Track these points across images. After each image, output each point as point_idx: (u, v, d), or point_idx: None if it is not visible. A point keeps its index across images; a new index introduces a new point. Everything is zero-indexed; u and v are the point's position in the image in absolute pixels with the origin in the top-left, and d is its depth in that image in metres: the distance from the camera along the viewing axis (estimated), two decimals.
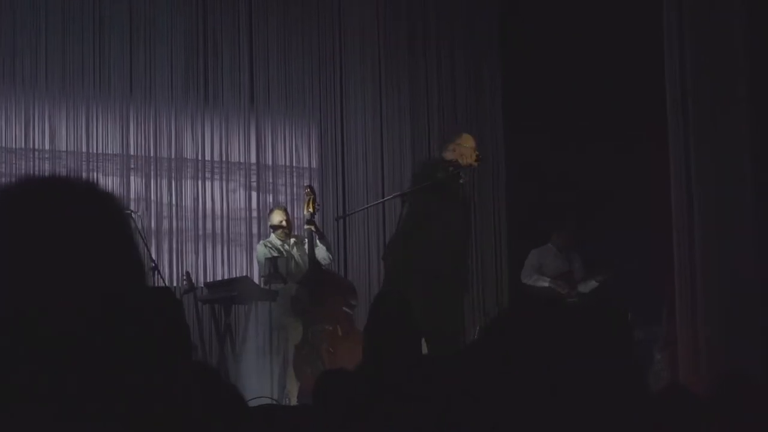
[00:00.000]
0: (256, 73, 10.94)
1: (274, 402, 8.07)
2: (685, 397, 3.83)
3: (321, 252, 9.11)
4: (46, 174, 1.55)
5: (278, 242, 9.29)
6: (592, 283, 9.93)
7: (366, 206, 10.51)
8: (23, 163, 10.09)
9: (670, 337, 9.37)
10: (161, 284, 8.90)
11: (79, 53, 10.28)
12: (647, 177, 9.87)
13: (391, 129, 11.35)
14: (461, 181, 7.83)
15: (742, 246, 9.30)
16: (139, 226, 9.37)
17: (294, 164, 11.24)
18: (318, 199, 9.50)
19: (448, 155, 7.88)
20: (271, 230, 9.50)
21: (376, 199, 10.68)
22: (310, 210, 9.01)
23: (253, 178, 11.01)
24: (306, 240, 9.12)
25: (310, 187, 9.32)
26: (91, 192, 1.46)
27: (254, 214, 10.91)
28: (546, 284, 10.02)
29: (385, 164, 11.28)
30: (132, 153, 10.52)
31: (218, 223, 10.79)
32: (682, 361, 9.42)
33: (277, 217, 9.42)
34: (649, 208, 9.84)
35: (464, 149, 7.89)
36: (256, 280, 9.52)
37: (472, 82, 11.66)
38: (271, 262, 9.04)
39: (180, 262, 10.47)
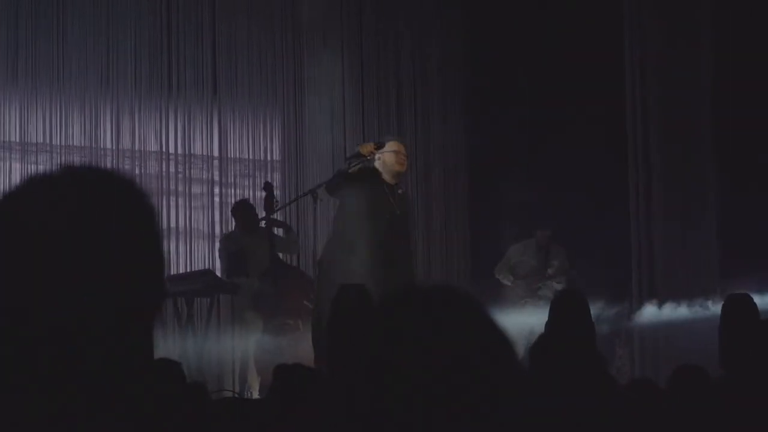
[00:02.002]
0: (219, 65, 10.91)
1: (236, 395, 8.06)
2: (650, 391, 3.87)
3: (288, 245, 9.14)
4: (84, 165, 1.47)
5: (240, 237, 9.27)
6: (554, 285, 9.92)
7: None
8: None
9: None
10: None
11: (42, 44, 10.21)
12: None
13: (355, 121, 11.34)
14: (399, 192, 7.71)
15: (703, 236, 9.39)
16: None
17: (256, 157, 11.21)
18: (277, 194, 9.47)
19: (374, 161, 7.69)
20: (234, 222, 9.48)
21: None
22: (269, 206, 8.98)
23: (216, 171, 10.98)
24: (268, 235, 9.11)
25: (268, 183, 9.27)
26: (122, 185, 1.44)
27: (216, 207, 10.88)
28: (509, 284, 10.10)
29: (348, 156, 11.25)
30: (93, 144, 10.47)
31: (181, 215, 10.76)
32: (642, 355, 9.52)
33: (243, 211, 9.40)
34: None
35: (387, 155, 7.66)
36: (218, 273, 9.50)
37: (435, 72, 11.64)
38: (233, 255, 9.03)
39: None
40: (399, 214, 7.47)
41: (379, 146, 7.61)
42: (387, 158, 7.58)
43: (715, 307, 8.72)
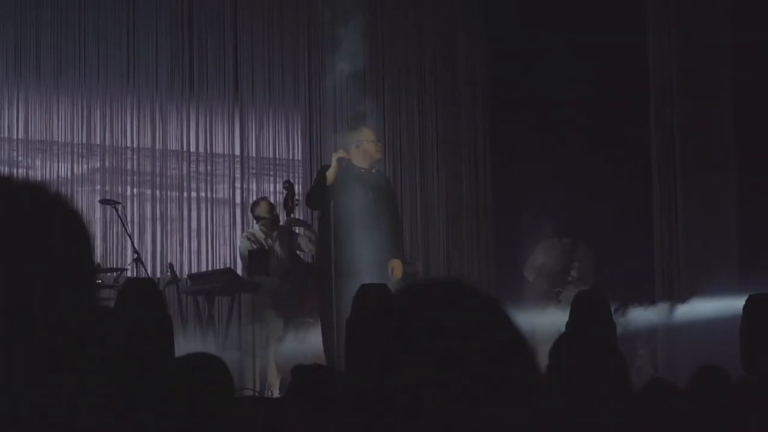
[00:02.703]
0: (241, 65, 10.92)
1: (257, 394, 8.08)
2: (668, 391, 3.86)
3: (307, 243, 9.16)
4: None
5: (261, 235, 9.29)
6: (574, 290, 9.92)
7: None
8: (5, 153, 10.09)
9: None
10: (144, 275, 8.89)
11: (63, 43, 10.25)
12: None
13: (377, 119, 11.32)
14: (374, 171, 8.10)
15: (724, 239, 9.36)
16: (123, 218, 9.35)
17: (278, 155, 11.23)
18: (299, 192, 9.50)
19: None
20: (255, 221, 9.50)
21: None
22: (289, 205, 9.00)
23: (237, 170, 10.99)
24: (288, 233, 9.15)
25: (288, 182, 9.30)
26: (38, 192, 1.43)
27: (238, 205, 10.90)
28: (530, 279, 10.18)
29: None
30: (115, 144, 10.50)
31: (202, 214, 10.78)
32: (663, 355, 9.49)
33: (263, 209, 9.42)
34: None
35: (368, 144, 8.12)
36: (239, 272, 9.52)
37: (458, 72, 11.61)
38: (254, 254, 9.05)
39: (163, 253, 10.46)
40: (371, 198, 7.83)
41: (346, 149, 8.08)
42: (368, 148, 8.10)
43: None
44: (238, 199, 10.92)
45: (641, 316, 9.12)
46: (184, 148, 10.79)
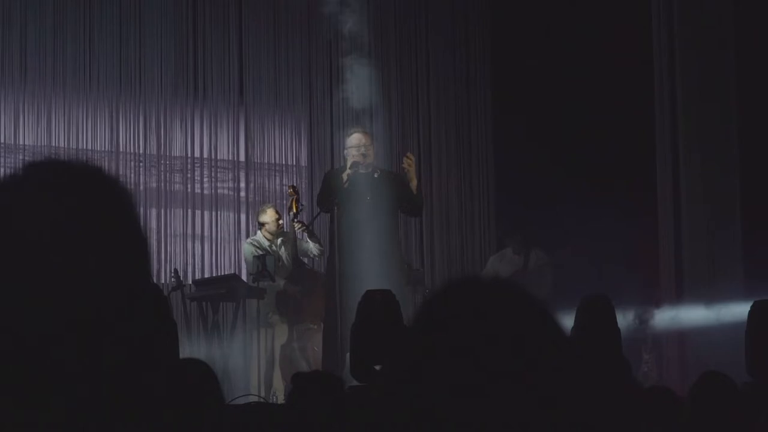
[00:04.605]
0: (246, 70, 10.93)
1: (261, 400, 8.08)
2: (667, 396, 3.86)
3: (312, 249, 9.16)
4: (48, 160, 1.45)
5: (265, 242, 9.28)
6: (539, 281, 10.02)
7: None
8: (11, 159, 10.09)
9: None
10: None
11: (69, 49, 10.27)
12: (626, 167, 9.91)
13: (383, 126, 11.32)
14: (375, 176, 8.19)
15: (728, 242, 9.36)
16: None
17: (283, 161, 11.23)
18: (303, 198, 9.50)
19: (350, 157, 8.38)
20: (260, 227, 9.50)
21: None
22: (294, 210, 9.00)
23: (242, 175, 11.00)
24: (293, 239, 9.15)
25: (293, 187, 9.30)
26: (96, 177, 1.43)
27: (243, 211, 10.91)
28: None
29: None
30: (120, 149, 10.52)
31: (207, 220, 10.79)
32: (669, 360, 9.49)
33: (269, 216, 9.42)
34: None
35: (352, 149, 8.23)
36: (244, 277, 9.52)
37: (462, 79, 11.62)
38: (260, 259, 9.05)
39: (168, 259, 10.47)
40: (369, 200, 7.95)
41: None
42: (359, 152, 8.26)
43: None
44: (243, 205, 10.93)
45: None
46: (189, 154, 10.80)
